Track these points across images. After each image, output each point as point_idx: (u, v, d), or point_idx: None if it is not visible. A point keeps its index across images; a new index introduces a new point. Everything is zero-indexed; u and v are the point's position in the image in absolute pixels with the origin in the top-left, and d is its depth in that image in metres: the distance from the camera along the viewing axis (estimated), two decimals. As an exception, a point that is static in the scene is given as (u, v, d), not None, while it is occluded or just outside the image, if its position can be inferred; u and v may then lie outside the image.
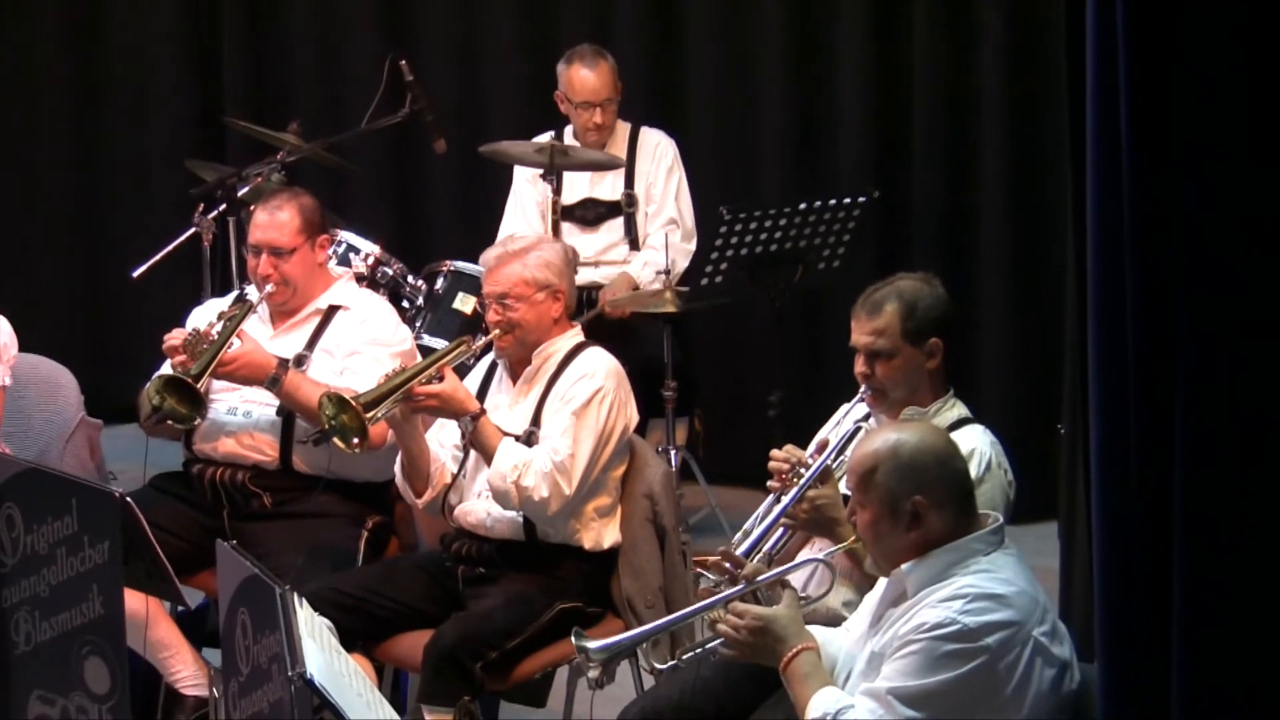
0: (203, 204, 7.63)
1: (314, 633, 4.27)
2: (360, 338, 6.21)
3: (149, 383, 5.98)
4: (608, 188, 8.03)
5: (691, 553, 6.07)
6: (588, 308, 7.65)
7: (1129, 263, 3.72)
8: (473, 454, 5.82)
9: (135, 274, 7.70)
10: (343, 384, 5.88)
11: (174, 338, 6.04)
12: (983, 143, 8.31)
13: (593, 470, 5.72)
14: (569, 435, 5.70)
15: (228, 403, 6.20)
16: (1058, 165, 7.53)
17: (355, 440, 5.64)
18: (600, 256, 7.98)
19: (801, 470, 5.11)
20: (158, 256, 7.64)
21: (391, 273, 7.30)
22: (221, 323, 6.08)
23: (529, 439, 5.76)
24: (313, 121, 8.48)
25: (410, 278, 7.36)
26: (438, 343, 6.98)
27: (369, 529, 6.16)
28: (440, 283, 7.39)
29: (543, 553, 5.80)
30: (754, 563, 4.87)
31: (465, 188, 8.99)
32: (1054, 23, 7.44)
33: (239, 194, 7.53)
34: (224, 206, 7.59)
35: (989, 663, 4.27)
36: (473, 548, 5.84)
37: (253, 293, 6.30)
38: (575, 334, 5.95)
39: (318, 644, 4.23)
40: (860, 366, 5.22)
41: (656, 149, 8.04)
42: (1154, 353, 3.71)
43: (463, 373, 5.97)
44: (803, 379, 8.20)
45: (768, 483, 5.19)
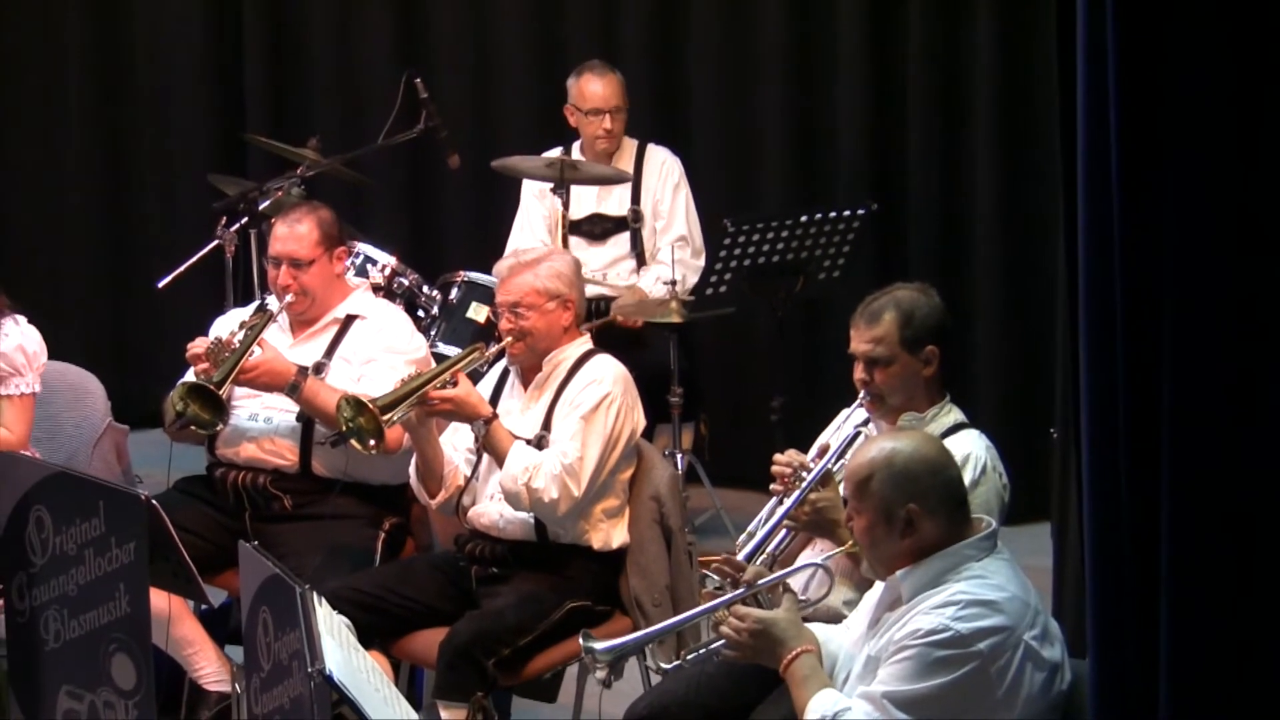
0: (225, 217, 7.63)
1: (333, 630, 4.33)
2: (377, 346, 6.25)
3: (173, 390, 6.03)
4: (615, 203, 8.04)
5: (697, 553, 6.06)
6: (596, 319, 7.57)
7: (1118, 270, 3.75)
8: (485, 457, 5.86)
9: (160, 284, 7.70)
10: (360, 390, 5.88)
11: (197, 346, 6.08)
12: (976, 156, 8.29)
13: (601, 473, 5.76)
14: (578, 439, 5.74)
15: (249, 409, 6.24)
16: (1049, 177, 7.56)
17: (371, 442, 5.68)
18: (607, 270, 7.99)
19: (803, 474, 5.15)
20: (182, 268, 7.64)
21: (407, 283, 7.32)
22: (243, 332, 6.11)
23: (540, 443, 5.79)
24: (331, 138, 8.46)
25: (425, 288, 7.37)
26: (452, 350, 6.91)
27: (386, 530, 6.19)
28: (454, 292, 7.39)
29: (553, 553, 5.83)
30: (755, 566, 4.91)
31: (478, 201, 8.98)
32: (1046, 36, 7.38)
33: (260, 207, 7.53)
34: (245, 219, 7.59)
35: (981, 667, 4.33)
36: (486, 548, 5.89)
37: (273, 302, 6.32)
38: (584, 342, 5.98)
39: (336, 641, 4.29)
40: (859, 373, 5.24)
41: (663, 166, 8.06)
42: (1142, 358, 3.74)
43: (476, 379, 5.99)
44: (804, 385, 8.21)
45: (770, 486, 5.22)
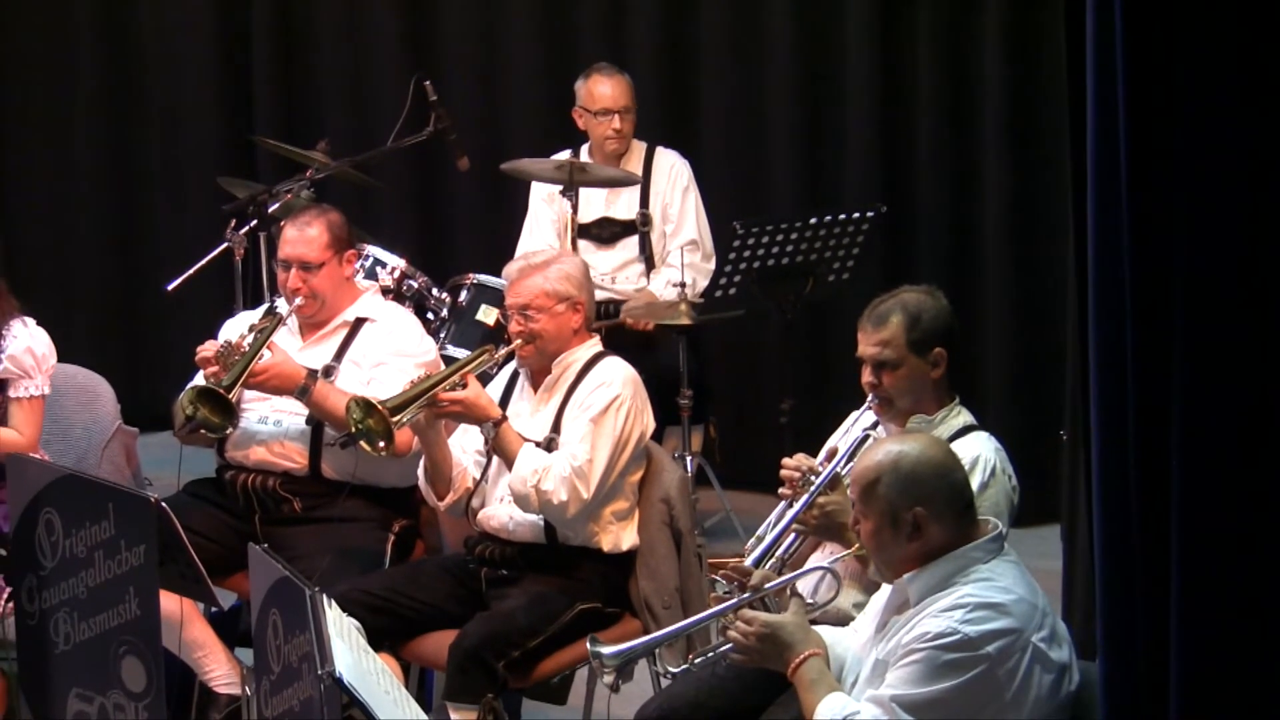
0: (235, 220, 7.64)
1: (343, 633, 4.35)
2: (386, 349, 6.26)
3: (183, 393, 6.03)
4: (623, 207, 8.06)
5: (706, 555, 6.06)
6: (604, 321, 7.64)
7: (1128, 272, 3.76)
8: (495, 459, 5.87)
9: (170, 287, 7.71)
10: (369, 393, 5.87)
11: (206, 350, 6.09)
12: (985, 158, 8.32)
13: (610, 475, 5.77)
14: (587, 441, 5.75)
15: (259, 412, 6.25)
16: (1058, 179, 7.54)
17: (381, 444, 5.68)
18: (615, 274, 8.02)
19: (812, 478, 5.16)
20: (191, 270, 7.65)
21: (416, 286, 7.35)
22: (252, 335, 6.12)
23: (549, 445, 5.80)
24: (340, 140, 8.45)
25: (434, 290, 7.39)
26: (461, 353, 6.94)
27: (395, 532, 6.20)
28: (463, 295, 7.41)
29: (563, 555, 5.85)
30: (761, 571, 4.92)
31: (487, 204, 9.01)
32: (1054, 37, 7.40)
33: (269, 210, 7.51)
34: (255, 222, 7.58)
35: (989, 670, 4.33)
36: (495, 550, 5.90)
37: (283, 306, 6.34)
38: (594, 344, 5.99)
39: (346, 644, 4.31)
40: (867, 376, 5.24)
41: (672, 170, 8.07)
42: (1152, 360, 3.75)
43: (485, 381, 5.99)
44: (812, 388, 8.19)
45: (779, 490, 5.24)
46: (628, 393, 5.85)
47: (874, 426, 5.30)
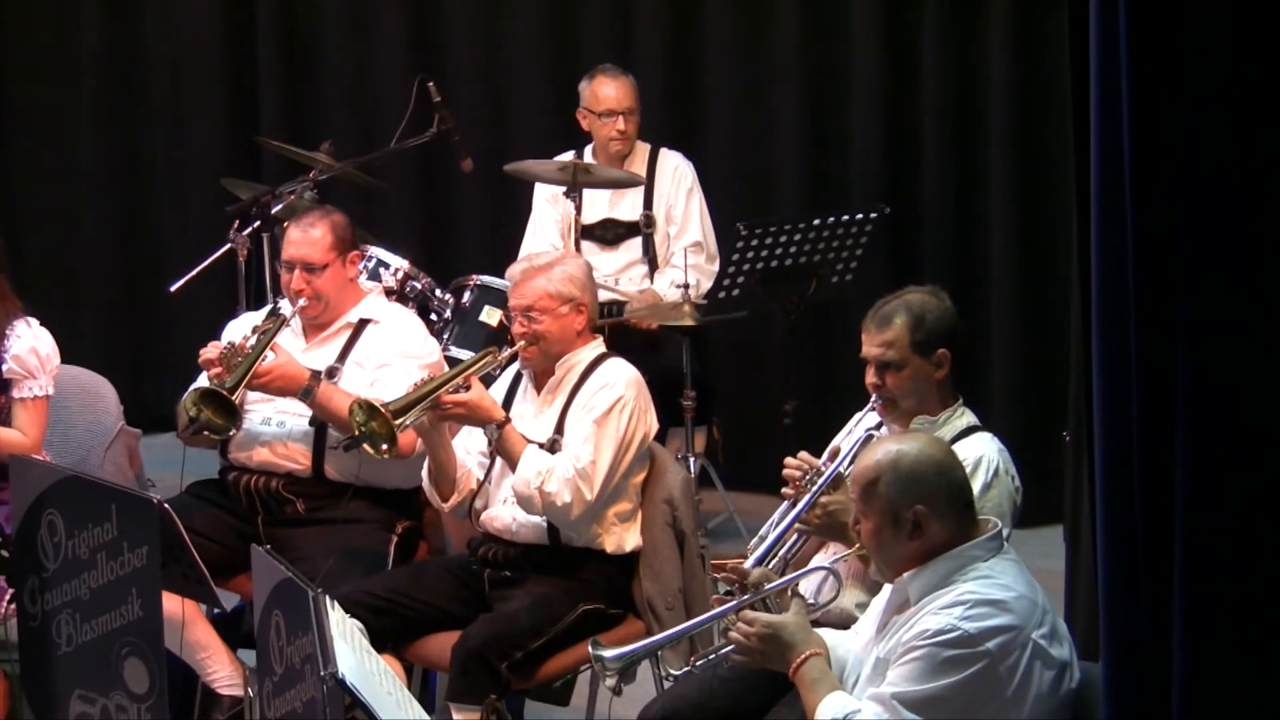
0: (238, 221, 7.62)
1: (345, 634, 4.34)
2: (390, 350, 6.25)
3: (186, 395, 6.03)
4: (627, 208, 8.07)
5: (710, 556, 6.07)
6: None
7: (1131, 274, 3.77)
8: (498, 461, 5.87)
9: (173, 288, 7.70)
10: (373, 395, 5.90)
11: (210, 351, 6.09)
12: (989, 159, 8.32)
13: (614, 476, 5.77)
14: (591, 443, 5.74)
15: (262, 413, 6.25)
16: (1062, 181, 7.58)
17: (384, 446, 5.69)
18: (619, 275, 8.02)
19: (815, 477, 5.17)
20: (194, 272, 7.63)
21: (420, 287, 7.34)
22: (256, 336, 6.12)
23: (552, 446, 5.80)
24: (344, 141, 8.46)
25: (438, 292, 7.39)
26: (465, 354, 6.91)
27: (398, 534, 6.20)
28: (467, 296, 7.41)
29: (566, 556, 5.84)
30: (760, 569, 4.92)
31: (491, 205, 9.02)
32: (1059, 39, 7.34)
33: (273, 211, 7.52)
34: (258, 223, 7.58)
35: (989, 666, 4.34)
36: (499, 551, 5.90)
37: (286, 307, 6.33)
38: (597, 345, 5.98)
39: (349, 645, 4.30)
40: (871, 377, 5.25)
41: (676, 171, 8.08)
42: (1156, 361, 3.76)
43: (489, 382, 6.00)
44: (816, 389, 8.21)
45: (782, 489, 5.25)
46: (631, 394, 5.85)
47: (878, 427, 5.30)
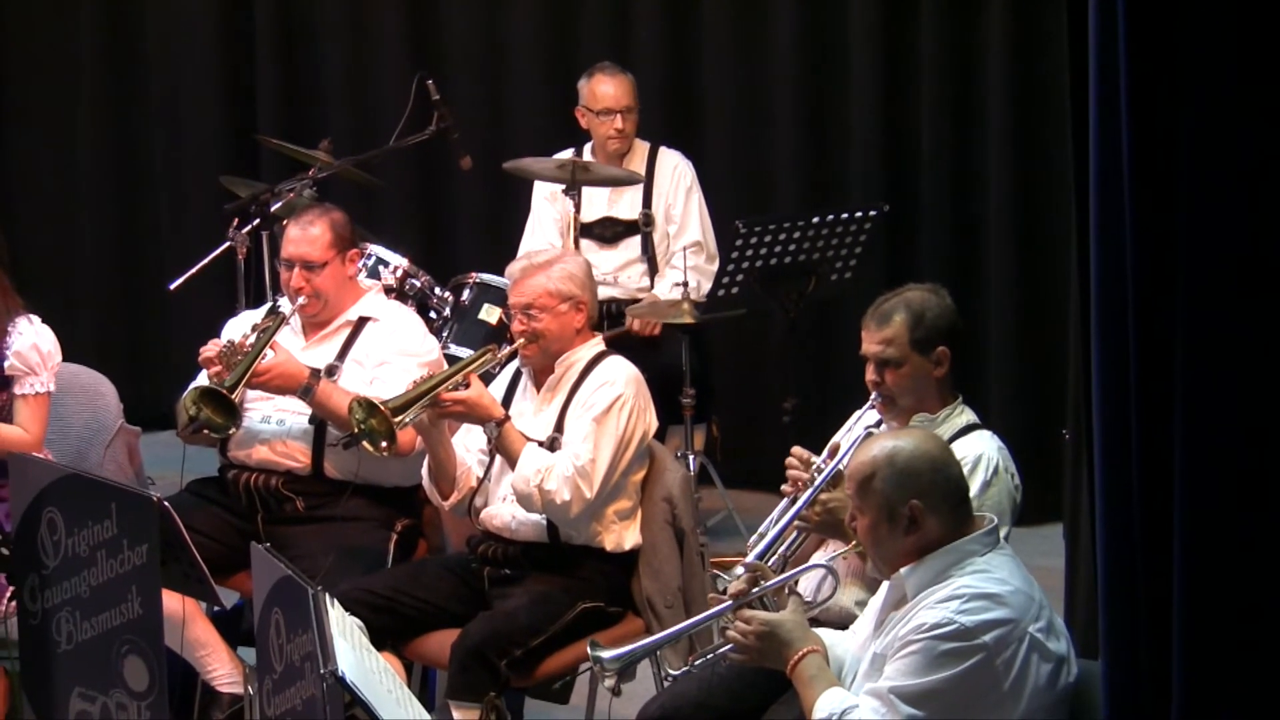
0: (237, 219, 7.63)
1: (345, 632, 4.34)
2: (389, 348, 6.26)
3: (186, 393, 6.04)
4: (626, 207, 8.06)
5: (709, 554, 6.07)
6: (607, 320, 7.66)
7: (1130, 272, 3.78)
8: (498, 458, 5.88)
9: (172, 286, 7.72)
10: (372, 393, 5.89)
11: (209, 349, 6.09)
12: (988, 157, 8.32)
13: (613, 474, 5.77)
14: (590, 441, 5.75)
15: (262, 411, 6.25)
16: (1061, 178, 7.57)
17: (384, 444, 5.69)
18: (618, 274, 8.02)
19: (814, 474, 5.17)
20: (194, 270, 7.65)
21: (419, 285, 7.34)
22: (255, 334, 6.12)
23: (552, 445, 5.80)
24: (343, 139, 8.47)
25: (437, 289, 7.39)
26: (464, 352, 6.91)
27: (398, 532, 6.20)
28: (466, 294, 7.42)
29: (565, 554, 5.85)
30: (756, 561, 4.92)
31: (490, 202, 9.02)
32: (1057, 36, 7.30)
33: (272, 209, 7.52)
34: (258, 221, 7.58)
35: (986, 660, 4.34)
36: (498, 549, 5.90)
37: (285, 305, 6.33)
38: (597, 343, 5.99)
39: (349, 643, 4.30)
40: (870, 375, 5.25)
41: (675, 170, 8.07)
42: (1155, 359, 3.77)
43: (488, 380, 6.00)
44: (816, 386, 8.19)
45: (782, 487, 5.25)
46: (630, 392, 5.85)
47: (877, 425, 5.30)
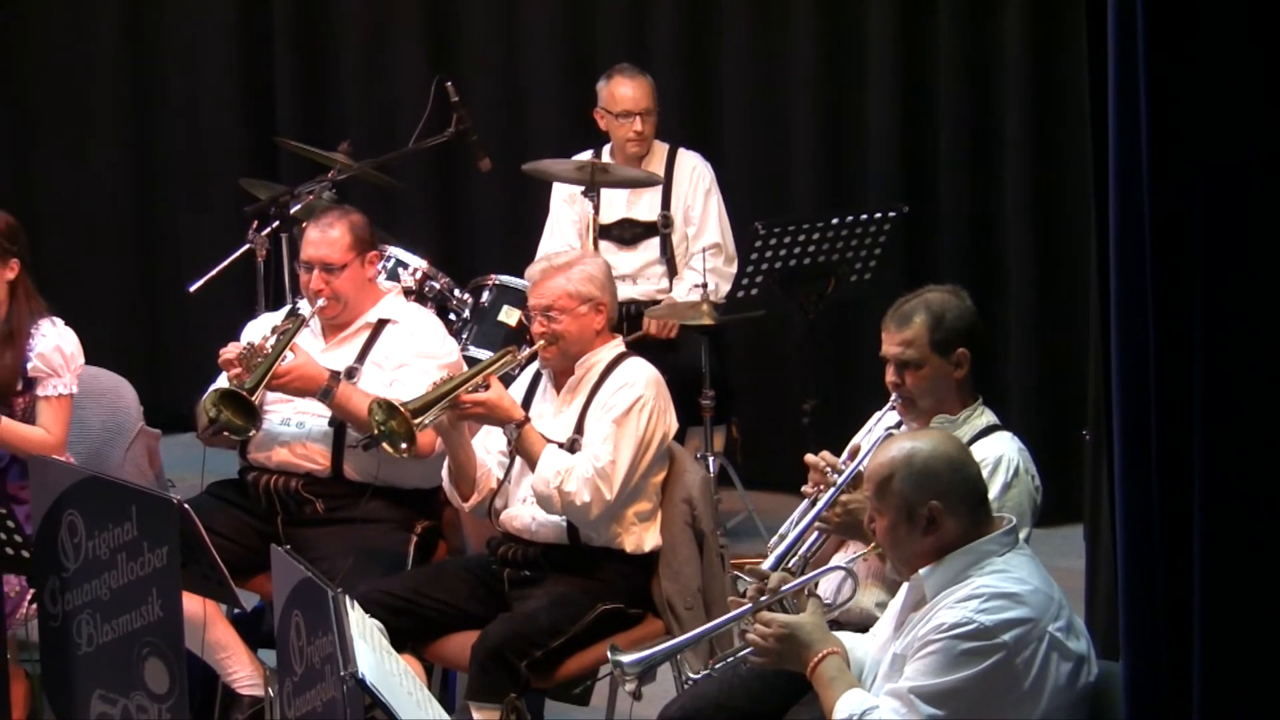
0: (257, 221, 7.66)
1: (365, 634, 4.34)
2: (409, 350, 6.26)
3: (206, 395, 6.05)
4: (644, 208, 8.06)
5: (729, 556, 6.08)
6: (626, 322, 7.67)
7: (1150, 272, 3.77)
8: (518, 460, 5.88)
9: (192, 289, 7.72)
10: (392, 395, 5.90)
11: (229, 352, 6.09)
12: (1007, 157, 8.32)
13: (633, 476, 5.78)
14: (610, 442, 5.75)
15: (281, 414, 6.26)
16: (1080, 178, 7.58)
17: (403, 445, 5.70)
18: (637, 275, 8.02)
19: (835, 476, 5.16)
20: (213, 272, 7.64)
21: (439, 287, 7.34)
22: (275, 337, 6.13)
23: (572, 446, 5.80)
24: (362, 142, 8.48)
25: (457, 291, 7.39)
26: (483, 354, 6.89)
27: (418, 534, 6.21)
28: (486, 296, 7.42)
29: (585, 556, 5.85)
30: (780, 574, 4.91)
31: (509, 204, 9.03)
32: (1076, 37, 7.38)
33: (291, 211, 7.55)
34: (277, 223, 7.61)
35: (1006, 659, 4.34)
36: (518, 551, 5.90)
37: (305, 307, 6.34)
38: (616, 345, 5.99)
39: (369, 644, 4.30)
40: (890, 376, 5.24)
41: (694, 172, 8.07)
42: (1174, 360, 3.76)
43: (508, 382, 6.01)
44: (835, 387, 8.20)
45: (802, 488, 5.24)
46: (650, 393, 5.85)
47: (897, 426, 5.29)
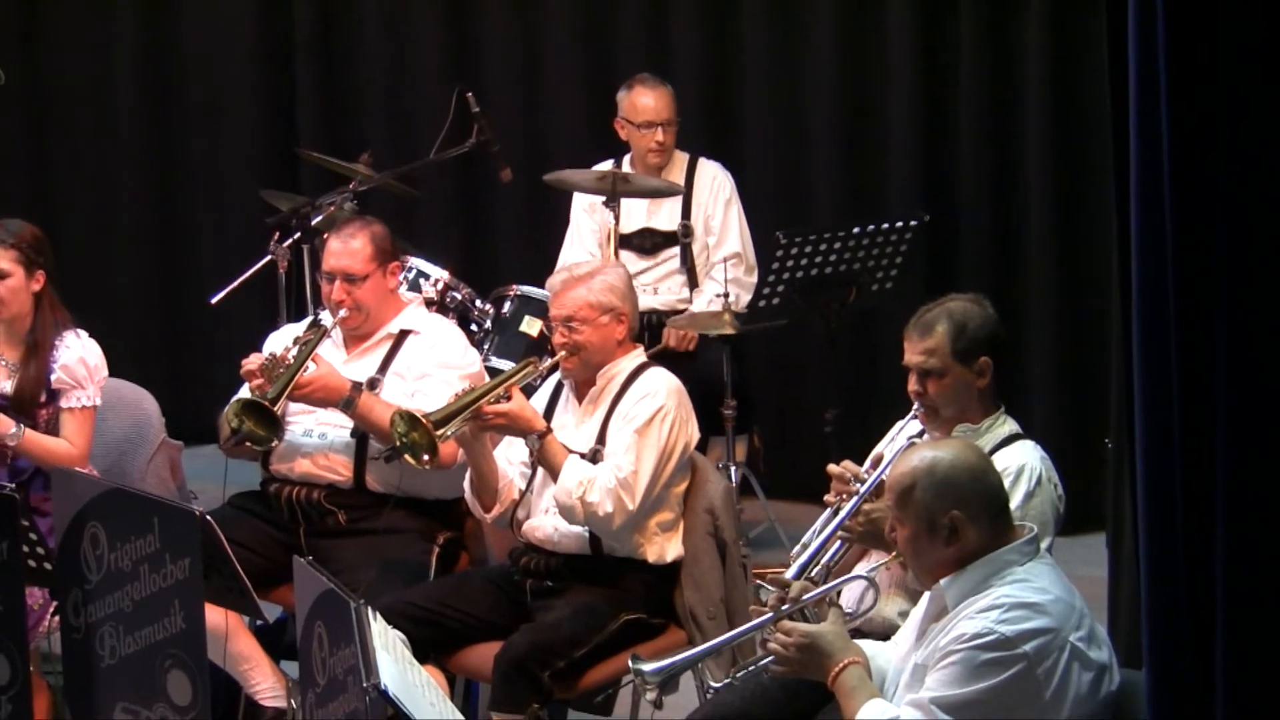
0: (278, 232, 7.68)
1: (388, 645, 4.35)
2: (431, 361, 6.27)
3: (228, 406, 6.05)
4: (665, 218, 8.06)
5: (751, 566, 6.07)
6: (647, 331, 7.69)
7: (1172, 280, 3.75)
8: (540, 471, 5.87)
9: (214, 300, 7.72)
10: (414, 405, 5.89)
11: (251, 362, 6.10)
12: (1028, 166, 8.31)
13: (655, 486, 5.77)
14: (632, 452, 5.75)
15: (304, 425, 6.27)
16: (1101, 187, 7.58)
17: (425, 457, 5.69)
18: (657, 285, 8.02)
19: (857, 485, 5.16)
20: (235, 283, 7.66)
21: (460, 297, 7.35)
22: (297, 347, 6.14)
23: (594, 457, 5.80)
24: (383, 152, 8.51)
25: (478, 302, 7.40)
26: (505, 364, 6.93)
27: (440, 544, 6.22)
28: (507, 306, 7.42)
29: (608, 566, 5.85)
30: (801, 583, 4.91)
31: (530, 215, 9.03)
32: (1097, 45, 7.35)
33: (313, 222, 7.57)
34: (298, 235, 7.63)
35: (1027, 669, 4.34)
36: (540, 562, 5.90)
37: (327, 318, 6.33)
38: (638, 355, 5.99)
39: (391, 656, 4.31)
40: (913, 385, 5.25)
41: (714, 182, 8.07)
42: (1197, 367, 3.74)
43: (529, 393, 6.01)
44: (857, 397, 8.18)
45: (825, 497, 5.24)
46: (672, 403, 5.85)
47: (920, 435, 5.29)
